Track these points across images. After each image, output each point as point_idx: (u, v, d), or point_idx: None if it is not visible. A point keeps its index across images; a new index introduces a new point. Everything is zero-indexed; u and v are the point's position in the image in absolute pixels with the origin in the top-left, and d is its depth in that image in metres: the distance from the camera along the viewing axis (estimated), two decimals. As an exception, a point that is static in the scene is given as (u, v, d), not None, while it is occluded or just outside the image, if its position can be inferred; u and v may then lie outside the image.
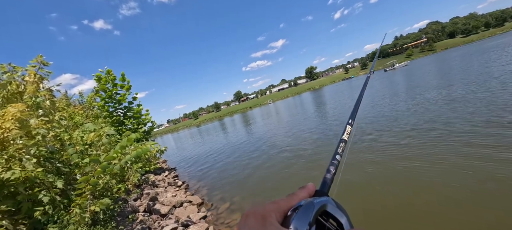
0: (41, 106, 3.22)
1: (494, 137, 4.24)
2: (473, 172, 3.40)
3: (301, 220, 0.26)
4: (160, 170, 9.82)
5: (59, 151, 3.55)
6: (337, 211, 0.28)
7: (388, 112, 8.75)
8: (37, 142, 2.92)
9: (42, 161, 3.15)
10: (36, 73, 3.50)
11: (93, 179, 3.08)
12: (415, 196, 3.27)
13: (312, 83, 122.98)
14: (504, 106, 5.66)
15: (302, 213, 0.27)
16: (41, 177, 2.80)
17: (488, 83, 8.53)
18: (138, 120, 9.95)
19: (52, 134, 3.27)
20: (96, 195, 3.67)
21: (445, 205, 2.92)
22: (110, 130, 4.09)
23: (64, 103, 6.48)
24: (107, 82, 9.15)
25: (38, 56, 3.41)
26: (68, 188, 3.50)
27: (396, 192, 3.52)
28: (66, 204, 3.25)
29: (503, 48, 21.50)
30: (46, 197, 2.86)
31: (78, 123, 5.45)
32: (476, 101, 6.79)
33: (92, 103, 9.49)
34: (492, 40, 49.62)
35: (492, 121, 4.98)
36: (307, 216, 0.26)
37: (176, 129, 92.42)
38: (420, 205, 3.07)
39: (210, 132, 26.26)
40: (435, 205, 2.98)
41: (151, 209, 4.81)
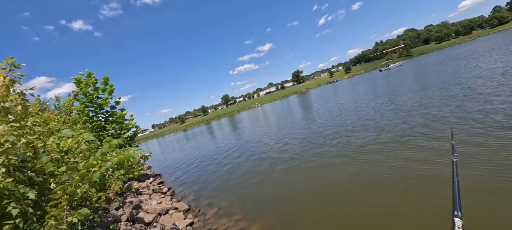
0: (11, 111, 2.98)
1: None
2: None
3: None
4: (144, 177, 9.44)
5: (31, 159, 3.30)
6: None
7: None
8: (5, 150, 2.69)
9: (11, 171, 2.90)
10: (6, 76, 3.24)
11: (70, 188, 2.89)
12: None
13: (299, 86, 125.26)
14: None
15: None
16: (11, 188, 2.58)
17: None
18: (121, 125, 9.53)
19: (23, 141, 3.03)
20: (73, 205, 3.45)
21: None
22: (90, 135, 3.88)
23: (38, 108, 6.06)
24: (88, 86, 8.69)
25: (9, 58, 3.17)
26: (42, 199, 3.25)
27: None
28: (39, 216, 3.01)
29: (470, 56, 23.31)
30: (16, 210, 2.63)
31: (53, 128, 5.10)
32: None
33: (70, 107, 8.96)
34: (461, 47, 53.77)
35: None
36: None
37: (162, 134, 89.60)
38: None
39: (197, 137, 25.74)
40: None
41: (134, 218, 4.60)
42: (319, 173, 5.05)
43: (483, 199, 2.80)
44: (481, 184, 3.07)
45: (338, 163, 5.24)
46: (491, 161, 3.50)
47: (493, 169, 3.29)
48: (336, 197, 3.89)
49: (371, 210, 3.26)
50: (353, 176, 4.38)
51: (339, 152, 5.93)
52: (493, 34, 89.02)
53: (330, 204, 3.72)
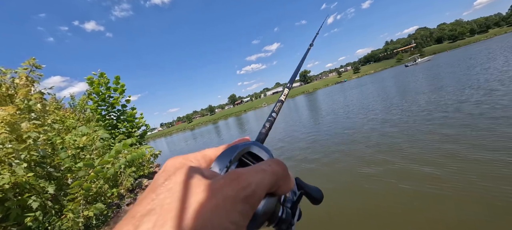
0: (33, 109, 3.14)
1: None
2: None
3: (222, 159, 0.25)
4: (153, 174, 9.66)
5: (50, 155, 3.46)
6: (261, 152, 0.28)
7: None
8: (28, 146, 2.84)
9: (33, 166, 3.06)
10: (28, 76, 3.41)
11: (86, 183, 3.01)
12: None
13: (306, 86, 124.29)
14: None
15: (225, 153, 0.26)
16: (32, 182, 2.72)
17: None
18: (131, 124, 9.78)
19: (43, 138, 3.18)
20: (88, 200, 3.58)
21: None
22: (104, 133, 4.02)
23: (54, 106, 6.32)
24: (100, 85, 8.98)
25: (31, 59, 3.34)
26: (60, 193, 3.40)
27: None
28: (57, 209, 3.16)
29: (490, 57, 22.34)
30: (36, 203, 2.77)
31: (70, 126, 5.31)
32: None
33: (84, 106, 9.28)
34: (479, 45, 51.47)
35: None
36: (229, 156, 0.25)
37: (170, 133, 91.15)
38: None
39: (204, 136, 26.01)
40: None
41: (145, 214, 4.72)
42: (329, 176, 5.01)
43: None
44: None
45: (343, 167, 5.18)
46: None
47: None
48: (347, 199, 3.85)
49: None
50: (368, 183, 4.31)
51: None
52: (511, 32, 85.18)
53: (338, 205, 3.69)
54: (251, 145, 0.29)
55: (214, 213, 0.17)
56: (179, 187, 0.20)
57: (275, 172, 0.23)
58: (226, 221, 0.17)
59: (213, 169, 0.24)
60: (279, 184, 0.23)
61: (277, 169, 0.23)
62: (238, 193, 0.19)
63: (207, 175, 0.22)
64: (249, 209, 0.19)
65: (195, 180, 0.20)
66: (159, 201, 0.18)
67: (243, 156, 0.27)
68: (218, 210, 0.17)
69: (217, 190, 0.19)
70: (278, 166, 0.24)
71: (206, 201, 0.18)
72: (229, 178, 0.20)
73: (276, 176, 0.23)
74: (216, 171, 0.24)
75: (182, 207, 0.18)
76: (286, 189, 0.24)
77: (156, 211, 0.18)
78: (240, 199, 0.19)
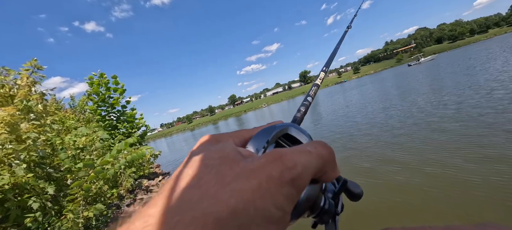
0: (32, 110, 3.14)
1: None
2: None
3: (259, 139, 0.23)
4: (153, 175, 9.65)
5: (50, 155, 3.46)
6: (300, 134, 0.26)
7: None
8: (27, 146, 2.84)
9: (32, 166, 3.05)
10: (29, 77, 3.42)
11: (86, 184, 3.00)
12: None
13: (306, 87, 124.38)
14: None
15: (261, 133, 0.24)
16: (32, 183, 2.72)
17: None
18: (131, 124, 9.78)
19: (43, 138, 3.18)
20: (88, 201, 3.58)
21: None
22: (103, 134, 4.02)
23: (54, 107, 6.32)
24: (100, 86, 8.99)
25: (33, 60, 3.34)
26: (59, 194, 3.40)
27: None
28: (57, 210, 3.15)
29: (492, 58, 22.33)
30: (36, 203, 2.77)
31: (70, 127, 5.31)
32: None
33: (84, 106, 9.29)
34: (478, 46, 51.46)
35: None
36: (266, 136, 0.23)
37: (170, 133, 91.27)
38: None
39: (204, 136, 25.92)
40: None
41: (145, 215, 4.72)
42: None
43: None
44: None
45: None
46: None
47: None
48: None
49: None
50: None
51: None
52: (510, 32, 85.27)
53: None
54: (289, 126, 0.26)
55: (256, 194, 0.15)
56: (216, 163, 0.18)
57: (322, 156, 0.20)
58: (271, 204, 0.16)
59: (248, 148, 0.23)
60: (325, 170, 0.21)
61: (323, 152, 0.21)
62: (284, 174, 0.17)
63: (245, 153, 0.20)
64: (295, 193, 0.17)
65: (233, 157, 0.19)
66: (197, 177, 0.17)
67: (280, 138, 0.25)
68: (260, 191, 0.16)
69: (259, 169, 0.17)
70: (325, 149, 0.21)
71: (246, 180, 0.16)
72: (272, 156, 0.18)
73: (323, 160, 0.20)
74: (252, 151, 0.22)
75: (220, 184, 0.16)
76: (332, 176, 0.22)
77: (194, 185, 0.16)
78: (286, 180, 0.17)
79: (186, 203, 0.15)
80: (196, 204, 0.15)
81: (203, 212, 0.14)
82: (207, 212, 0.14)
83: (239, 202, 0.15)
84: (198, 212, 0.14)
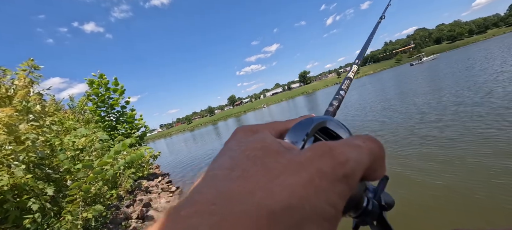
0: (31, 111, 3.13)
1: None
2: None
3: (297, 131, 0.22)
4: (153, 176, 9.63)
5: (49, 156, 3.45)
6: (339, 129, 0.24)
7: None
8: (26, 147, 2.83)
9: (31, 167, 3.04)
10: (26, 77, 3.41)
11: (85, 185, 3.00)
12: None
13: (306, 87, 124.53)
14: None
15: (299, 125, 0.23)
16: (31, 184, 2.71)
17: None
18: (131, 125, 9.77)
19: (42, 139, 3.17)
20: (87, 201, 3.57)
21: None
22: (103, 134, 4.01)
23: (53, 108, 6.32)
24: (100, 86, 8.98)
25: (29, 60, 3.33)
26: (59, 195, 3.38)
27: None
28: (56, 211, 3.14)
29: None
30: (36, 205, 2.76)
31: (69, 127, 5.30)
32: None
33: (84, 107, 9.28)
34: (476, 46, 51.68)
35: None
36: (305, 128, 0.22)
37: (169, 134, 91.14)
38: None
39: (204, 137, 26.01)
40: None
41: (144, 216, 4.71)
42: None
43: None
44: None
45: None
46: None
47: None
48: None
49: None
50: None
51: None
52: (509, 32, 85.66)
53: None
54: (328, 119, 0.24)
55: (308, 190, 0.14)
56: (259, 154, 0.17)
57: (372, 151, 0.19)
58: (324, 202, 0.14)
59: (286, 141, 0.21)
60: (374, 167, 0.19)
61: (374, 147, 0.19)
62: (336, 170, 0.16)
63: (286, 146, 0.19)
64: (347, 191, 0.16)
65: (276, 149, 0.18)
66: (241, 169, 0.16)
67: (317, 132, 0.23)
68: (313, 187, 0.14)
69: (307, 163, 0.16)
70: (375, 144, 0.19)
71: (296, 174, 0.15)
72: (319, 149, 0.17)
73: (373, 156, 0.18)
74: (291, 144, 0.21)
75: (269, 177, 0.15)
76: (380, 174, 0.20)
77: (240, 177, 0.15)
78: (339, 177, 0.15)
79: (237, 195, 0.14)
80: (247, 196, 0.14)
81: (255, 205, 0.13)
82: (260, 205, 0.13)
83: (292, 197, 0.14)
84: (250, 205, 0.13)
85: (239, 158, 0.17)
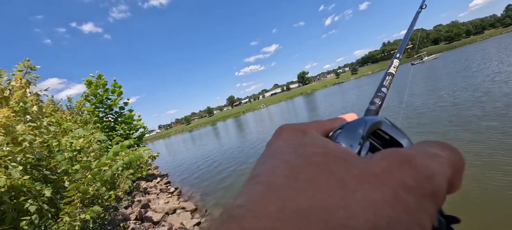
0: (28, 111, 3.11)
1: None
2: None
3: (351, 133, 0.19)
4: (151, 177, 9.59)
5: (46, 157, 3.43)
6: (396, 132, 0.21)
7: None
8: (23, 148, 2.81)
9: (28, 169, 3.02)
10: (22, 78, 3.39)
11: (83, 186, 2.98)
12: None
13: (304, 88, 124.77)
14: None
15: (352, 126, 0.20)
16: (28, 185, 2.69)
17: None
18: (129, 126, 9.74)
19: (39, 140, 3.15)
20: (85, 203, 3.55)
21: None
22: (101, 135, 3.99)
23: (51, 108, 6.28)
24: (98, 87, 8.94)
25: (25, 60, 3.32)
26: (56, 196, 3.36)
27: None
28: (53, 213, 3.12)
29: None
30: (33, 206, 2.74)
31: (67, 128, 5.27)
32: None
33: (81, 108, 9.24)
34: (474, 46, 51.93)
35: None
36: (359, 130, 0.19)
37: (168, 135, 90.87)
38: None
39: (203, 137, 25.99)
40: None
41: (143, 217, 4.69)
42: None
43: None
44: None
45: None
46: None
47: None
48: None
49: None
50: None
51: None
52: (506, 33, 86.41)
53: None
54: (382, 120, 0.21)
55: (396, 209, 0.12)
56: (323, 160, 0.15)
57: (453, 162, 0.16)
58: (414, 222, 0.12)
59: (340, 142, 0.19)
60: (453, 181, 0.16)
61: (454, 158, 0.16)
62: (423, 185, 0.13)
63: (348, 151, 0.17)
64: (435, 211, 0.13)
65: (341, 155, 0.15)
66: (306, 178, 0.13)
67: (369, 136, 0.20)
68: (401, 205, 0.12)
69: (385, 175, 0.13)
70: (455, 154, 0.16)
71: (375, 187, 0.13)
72: (395, 159, 0.14)
73: (454, 168, 0.16)
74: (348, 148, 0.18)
75: (344, 190, 0.13)
76: (458, 188, 0.17)
77: (309, 188, 0.13)
78: (428, 193, 0.13)
79: (309, 211, 0.11)
80: (323, 214, 0.11)
81: (340, 224, 0.11)
82: (345, 225, 0.11)
83: (379, 217, 0.11)
84: (333, 222, 0.11)
85: (299, 164, 0.15)
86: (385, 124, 0.21)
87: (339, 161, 0.15)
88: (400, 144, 0.20)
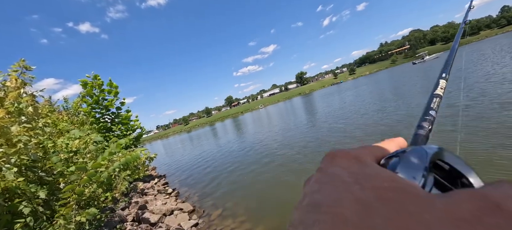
0: (23, 112, 3.07)
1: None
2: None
3: (411, 166, 0.18)
4: (149, 178, 9.54)
5: (42, 159, 3.39)
6: (460, 164, 0.19)
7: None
8: (18, 150, 2.78)
9: (23, 170, 2.99)
10: (18, 78, 3.34)
11: (78, 187, 2.95)
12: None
13: (303, 88, 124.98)
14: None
15: (411, 157, 0.18)
16: (23, 187, 2.65)
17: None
18: (126, 126, 9.68)
19: (34, 141, 3.11)
20: (81, 205, 3.52)
21: None
22: (97, 136, 3.96)
23: (47, 109, 6.22)
24: (94, 88, 8.88)
25: (20, 61, 3.27)
26: (51, 198, 3.33)
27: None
28: (48, 215, 3.08)
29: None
30: (27, 208, 2.70)
31: (63, 129, 5.22)
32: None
33: (78, 109, 9.16)
34: (470, 47, 52.59)
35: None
36: (420, 162, 0.18)
37: (166, 135, 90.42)
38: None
39: (201, 138, 25.91)
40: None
41: (140, 218, 4.65)
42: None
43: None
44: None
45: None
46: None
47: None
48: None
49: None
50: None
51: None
52: (501, 34, 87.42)
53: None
54: (443, 150, 0.20)
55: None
56: (395, 197, 0.13)
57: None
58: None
59: (400, 174, 0.17)
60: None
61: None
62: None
63: (416, 186, 0.15)
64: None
65: (414, 192, 0.14)
66: (382, 217, 0.12)
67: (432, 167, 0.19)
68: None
69: (474, 221, 0.12)
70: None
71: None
72: (481, 202, 0.12)
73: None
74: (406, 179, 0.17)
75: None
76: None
77: (387, 227, 0.12)
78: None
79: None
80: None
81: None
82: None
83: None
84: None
85: (368, 198, 0.14)
86: (449, 155, 0.19)
87: (413, 199, 0.13)
88: (465, 176, 0.18)
